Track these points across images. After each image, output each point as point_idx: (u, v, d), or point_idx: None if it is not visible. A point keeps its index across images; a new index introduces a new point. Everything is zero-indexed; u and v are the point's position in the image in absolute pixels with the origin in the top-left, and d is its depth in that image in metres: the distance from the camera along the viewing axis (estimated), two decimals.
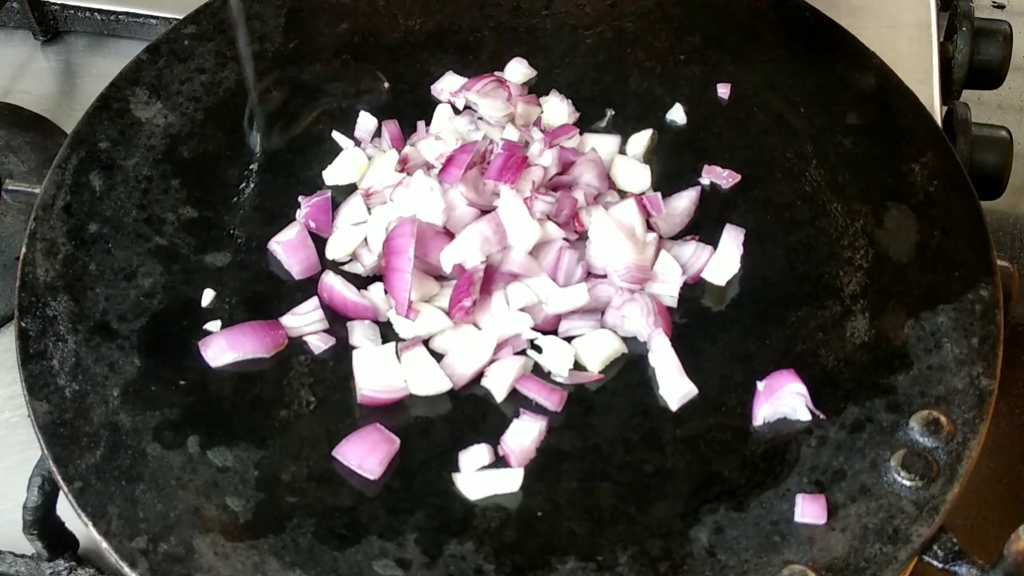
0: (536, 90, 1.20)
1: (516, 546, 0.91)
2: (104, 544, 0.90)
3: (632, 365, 1.02)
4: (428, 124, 1.17)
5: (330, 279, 1.05)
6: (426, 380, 1.00)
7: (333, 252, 1.08)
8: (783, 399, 0.97)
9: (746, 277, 1.07)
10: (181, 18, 1.24)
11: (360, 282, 1.06)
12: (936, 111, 1.29)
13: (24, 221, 1.18)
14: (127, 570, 0.89)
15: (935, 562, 0.91)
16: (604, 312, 1.04)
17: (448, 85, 1.20)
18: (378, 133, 1.17)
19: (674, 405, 0.99)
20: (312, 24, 1.25)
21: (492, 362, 1.01)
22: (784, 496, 0.93)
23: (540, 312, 1.03)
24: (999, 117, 1.58)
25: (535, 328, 1.02)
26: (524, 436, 0.97)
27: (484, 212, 1.06)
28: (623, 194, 1.11)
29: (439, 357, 1.01)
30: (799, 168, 1.13)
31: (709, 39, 1.24)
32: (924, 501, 0.92)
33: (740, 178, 1.13)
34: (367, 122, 1.17)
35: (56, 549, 1.01)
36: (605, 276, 1.05)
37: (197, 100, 1.18)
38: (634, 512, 0.93)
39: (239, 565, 0.90)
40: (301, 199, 1.11)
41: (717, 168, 1.13)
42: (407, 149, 1.14)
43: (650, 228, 1.08)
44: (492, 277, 1.03)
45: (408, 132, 1.17)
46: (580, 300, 1.03)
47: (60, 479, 0.93)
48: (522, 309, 1.02)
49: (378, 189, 1.10)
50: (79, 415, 0.96)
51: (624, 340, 1.03)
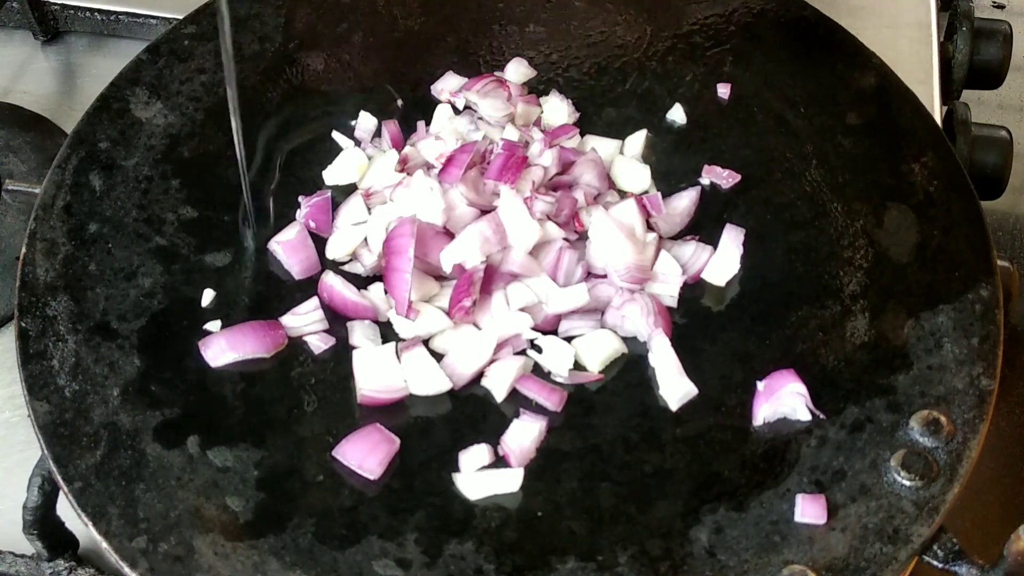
0: (536, 90, 1.20)
1: (516, 546, 0.91)
2: (104, 544, 0.90)
3: (632, 365, 1.02)
4: (428, 124, 1.17)
5: (330, 279, 1.05)
6: (426, 380, 1.00)
7: (333, 252, 1.08)
8: (783, 399, 0.97)
9: (746, 277, 1.07)
10: (181, 18, 1.24)
11: (360, 282, 1.06)
12: (936, 111, 1.29)
13: (24, 221, 1.18)
14: (127, 570, 0.89)
15: (935, 562, 0.91)
16: (604, 312, 1.04)
17: (448, 85, 1.20)
18: (378, 133, 1.17)
19: (674, 405, 0.99)
20: (312, 24, 1.25)
21: (492, 362, 1.01)
22: (784, 496, 0.93)
23: (540, 312, 1.03)
24: (999, 117, 1.58)
25: (535, 328, 1.02)
26: (524, 436, 0.97)
27: (484, 212, 1.06)
28: (623, 194, 1.11)
29: (439, 357, 1.01)
30: (799, 168, 1.13)
31: (709, 39, 1.24)
32: (924, 501, 0.92)
33: (740, 178, 1.13)
34: (367, 122, 1.17)
35: (56, 549, 1.01)
36: (605, 276, 1.05)
37: (197, 100, 1.18)
38: (634, 512, 0.93)
39: (239, 565, 0.90)
40: (301, 199, 1.11)
41: (717, 168, 1.13)
42: (407, 149, 1.14)
43: (650, 228, 1.08)
44: (492, 277, 1.03)
45: (408, 132, 1.17)
46: (580, 300, 1.03)
47: (60, 479, 0.93)
48: (522, 309, 1.02)
49: (378, 189, 1.10)
50: (79, 415, 0.96)
51: (624, 340, 1.03)
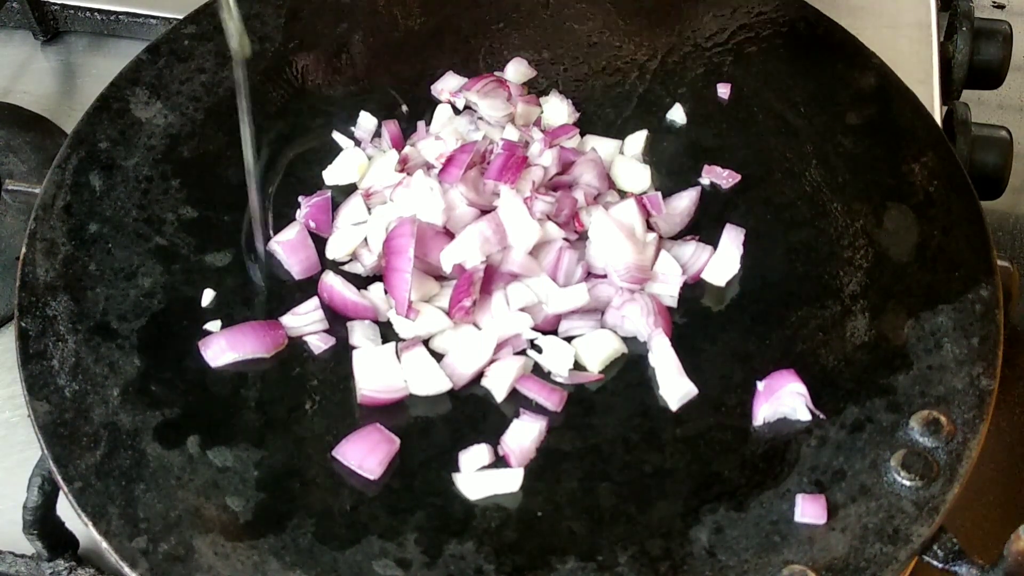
0: (536, 90, 1.20)
1: (516, 546, 0.91)
2: (104, 544, 0.90)
3: (632, 365, 1.02)
4: (428, 124, 1.17)
5: (330, 279, 1.05)
6: (426, 380, 1.00)
7: (333, 252, 1.08)
8: (783, 399, 0.97)
9: (746, 277, 1.07)
10: (181, 18, 1.24)
11: (360, 282, 1.06)
12: (936, 111, 1.29)
13: (24, 221, 1.18)
14: (127, 570, 0.89)
15: (935, 562, 0.91)
16: (604, 312, 1.04)
17: (448, 85, 1.20)
18: (378, 133, 1.17)
19: (674, 405, 0.99)
20: (312, 24, 1.25)
21: (492, 362, 1.01)
22: (784, 496, 0.93)
23: (540, 312, 1.03)
24: (999, 117, 1.58)
25: (535, 328, 1.02)
26: (524, 436, 0.96)
27: (484, 212, 1.06)
28: (623, 194, 1.11)
29: (439, 357, 1.01)
30: (799, 168, 1.13)
31: (709, 39, 1.24)
32: (924, 501, 0.92)
33: (740, 178, 1.13)
34: (367, 122, 1.17)
35: (56, 549, 1.01)
36: (605, 276, 1.05)
37: (197, 100, 1.18)
38: (634, 512, 0.93)
39: (239, 565, 0.90)
40: (301, 199, 1.11)
41: (717, 168, 1.13)
42: (407, 149, 1.14)
43: (650, 228, 1.08)
44: (492, 277, 1.03)
45: (408, 132, 1.17)
46: (580, 300, 1.03)
47: (60, 479, 0.93)
48: (522, 309, 1.02)
49: (378, 189, 1.10)
50: (79, 415, 0.96)
51: (624, 340, 1.03)
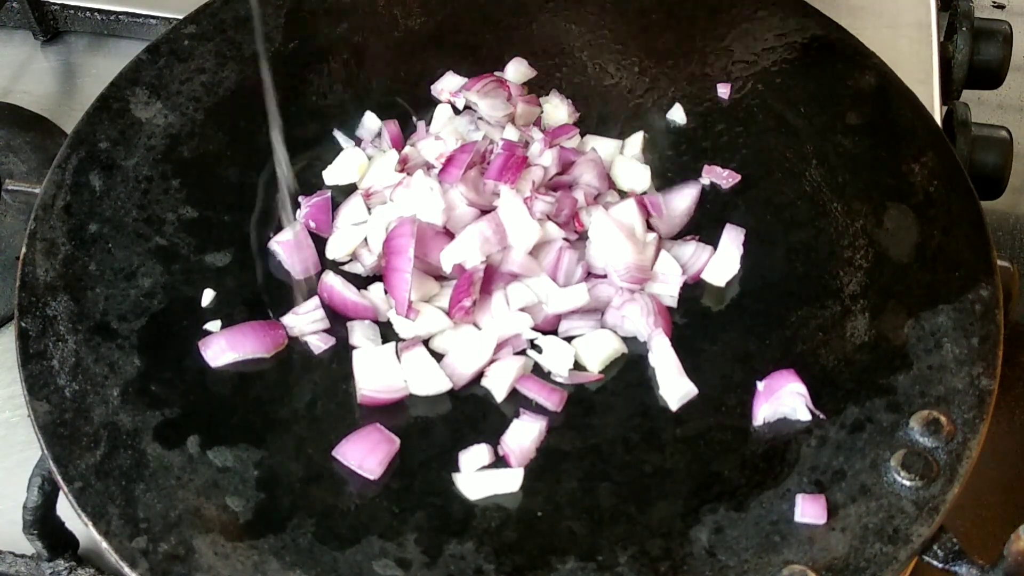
0: (536, 90, 1.20)
1: (516, 546, 0.91)
2: (104, 544, 0.90)
3: (632, 365, 1.02)
4: (428, 124, 1.17)
5: (330, 279, 1.05)
6: (426, 380, 1.00)
7: (333, 252, 1.08)
8: (783, 399, 0.97)
9: (746, 277, 1.07)
10: (181, 18, 1.24)
11: (360, 282, 1.06)
12: (936, 111, 1.29)
13: (24, 221, 1.18)
14: (127, 570, 0.89)
15: (935, 562, 0.91)
16: (604, 312, 1.04)
17: (448, 85, 1.20)
18: (378, 133, 1.17)
19: (674, 405, 0.99)
20: (312, 24, 1.25)
21: (492, 362, 1.01)
22: (784, 496, 0.93)
23: (540, 312, 1.03)
24: (999, 117, 1.58)
25: (535, 328, 1.02)
26: (524, 436, 0.96)
27: (484, 212, 1.06)
28: (623, 194, 1.11)
29: (439, 357, 1.01)
30: (799, 168, 1.13)
31: (709, 39, 1.24)
32: (924, 501, 0.92)
33: (740, 178, 1.13)
34: (371, 122, 1.17)
35: (56, 549, 1.01)
36: (605, 276, 1.05)
37: (197, 100, 1.18)
38: (634, 512, 0.93)
39: (239, 565, 0.90)
40: (301, 199, 1.11)
41: (717, 168, 1.13)
42: (407, 149, 1.14)
43: (650, 228, 1.08)
44: (492, 277, 1.03)
45: (408, 132, 1.17)
46: (580, 300, 1.03)
47: (60, 479, 0.93)
48: (522, 309, 1.02)
49: (378, 189, 1.10)
50: (79, 415, 0.96)
51: (624, 340, 1.03)
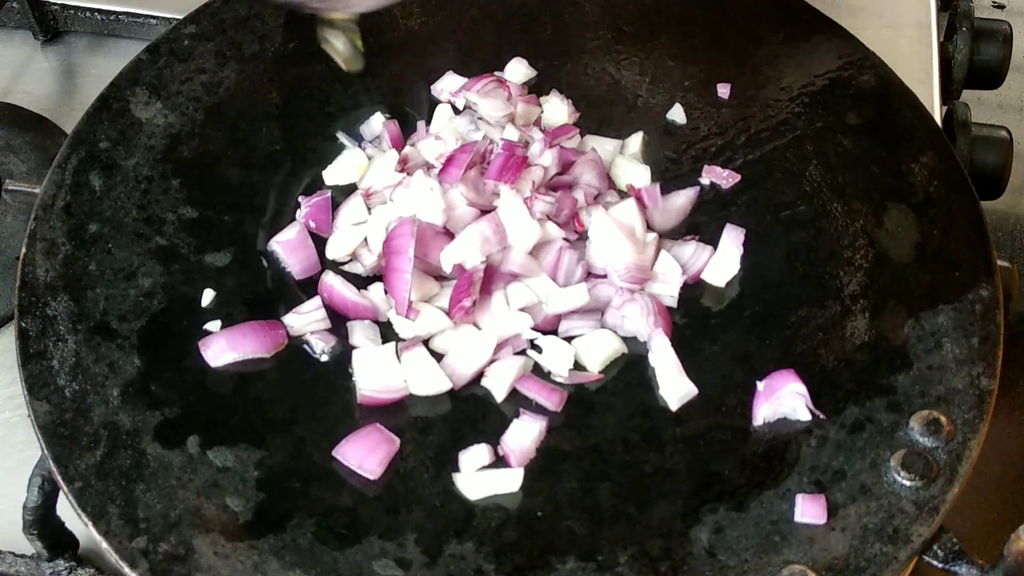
0: (536, 90, 1.20)
1: (516, 546, 0.91)
2: (104, 544, 0.90)
3: (632, 365, 1.02)
4: (428, 124, 1.17)
5: (330, 279, 1.05)
6: (426, 380, 1.00)
7: (333, 252, 1.08)
8: (783, 399, 0.97)
9: (746, 277, 1.07)
10: (181, 18, 1.24)
11: (360, 282, 1.06)
12: (936, 111, 1.29)
13: (24, 221, 1.18)
14: (127, 570, 0.89)
15: (935, 562, 0.91)
16: (604, 312, 1.04)
17: (448, 85, 1.20)
18: (378, 133, 1.17)
19: (674, 405, 0.99)
20: (312, 24, 1.25)
21: (492, 362, 1.01)
22: (784, 496, 0.93)
23: (540, 312, 1.03)
24: (999, 117, 1.58)
25: (535, 328, 1.02)
26: (524, 436, 0.96)
27: (484, 212, 1.06)
28: (623, 194, 1.11)
29: (439, 357, 1.01)
30: (799, 168, 1.13)
31: (709, 39, 1.23)
32: (924, 501, 0.92)
33: (740, 178, 1.13)
34: (376, 122, 1.16)
35: (56, 549, 1.01)
36: (605, 276, 1.05)
37: (197, 100, 1.18)
38: (634, 512, 0.93)
39: (239, 565, 0.90)
40: (301, 199, 1.11)
41: (717, 168, 1.13)
42: (407, 149, 1.13)
43: (648, 228, 1.08)
44: (492, 277, 1.03)
45: (408, 132, 1.17)
46: (580, 300, 1.03)
47: (60, 479, 0.93)
48: (522, 309, 1.02)
49: (378, 189, 1.10)
50: (79, 415, 0.96)
51: (624, 340, 1.03)
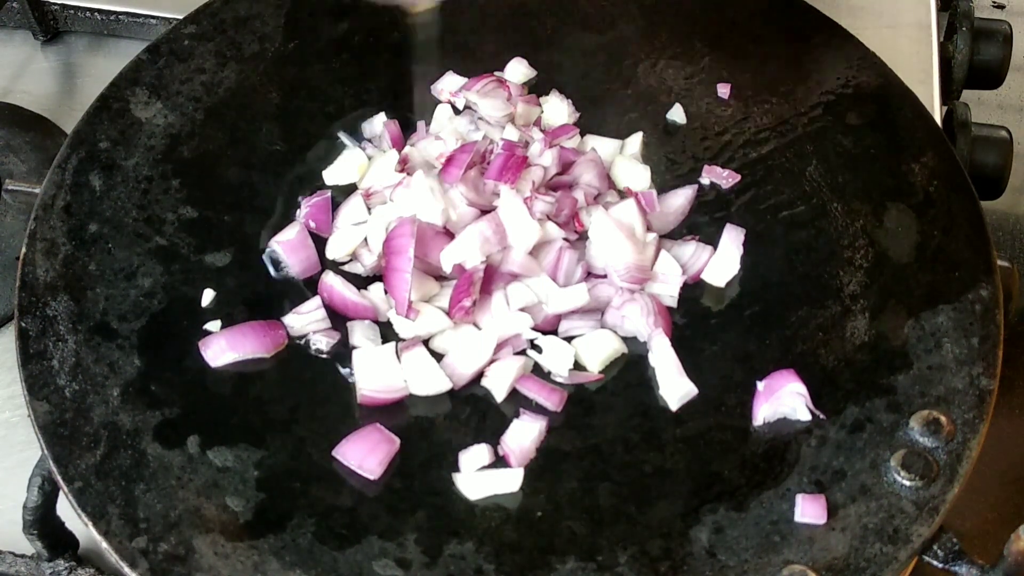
0: (536, 90, 1.20)
1: (516, 546, 0.91)
2: (104, 544, 0.90)
3: (632, 365, 1.02)
4: (428, 124, 1.17)
5: (330, 279, 1.05)
6: (426, 380, 1.00)
7: (333, 252, 1.08)
8: (783, 399, 0.97)
9: (746, 277, 1.07)
10: (181, 18, 1.24)
11: (360, 282, 1.06)
12: (936, 111, 1.29)
13: (24, 221, 1.18)
14: (127, 570, 0.89)
15: (935, 562, 0.91)
16: (604, 312, 1.04)
17: (448, 85, 1.20)
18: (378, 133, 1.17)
19: (674, 405, 0.99)
20: (312, 24, 1.25)
21: (492, 362, 1.01)
22: (784, 496, 0.93)
23: (540, 312, 1.03)
24: (999, 117, 1.58)
25: (535, 328, 1.02)
26: (524, 436, 0.96)
27: (484, 212, 1.06)
28: (623, 194, 1.11)
29: (439, 357, 1.01)
30: (799, 168, 1.13)
31: (709, 39, 1.23)
32: (924, 501, 0.92)
33: (740, 178, 1.13)
34: (379, 123, 1.16)
35: (56, 549, 1.01)
36: (605, 276, 1.05)
37: (197, 100, 1.18)
38: (634, 512, 0.93)
39: (239, 565, 0.90)
40: (301, 199, 1.11)
41: (717, 168, 1.13)
42: (407, 149, 1.13)
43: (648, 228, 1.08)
44: (492, 277, 1.03)
45: (408, 132, 1.17)
46: (580, 300, 1.03)
47: (60, 479, 0.93)
48: (522, 309, 1.02)
49: (378, 189, 1.10)
50: (79, 415, 0.96)
51: (624, 340, 1.03)
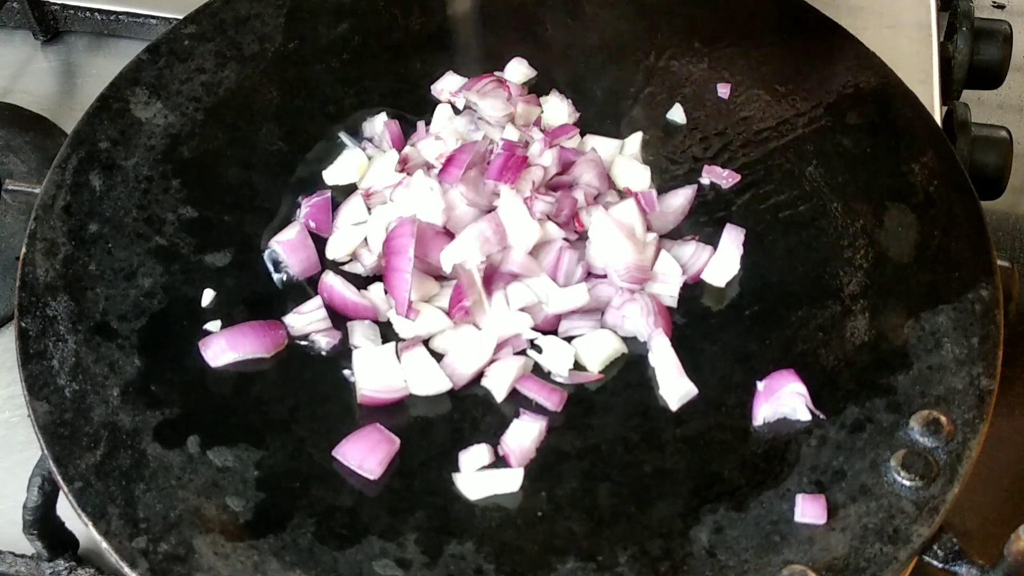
0: (536, 90, 1.20)
1: (516, 546, 0.91)
2: (104, 544, 0.90)
3: (632, 365, 1.02)
4: (428, 124, 1.17)
5: (330, 279, 1.05)
6: (426, 380, 1.00)
7: (333, 252, 1.08)
8: (783, 399, 0.97)
9: (746, 277, 1.07)
10: (181, 18, 1.24)
11: (360, 282, 1.06)
12: (936, 111, 1.29)
13: (24, 221, 1.18)
14: (127, 570, 0.89)
15: (935, 562, 0.91)
16: (604, 312, 1.04)
17: (448, 85, 1.20)
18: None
19: (674, 405, 0.99)
20: (312, 24, 1.25)
21: (492, 362, 1.01)
22: (784, 496, 0.93)
23: (540, 312, 1.03)
24: (999, 117, 1.58)
25: (535, 328, 1.02)
26: (524, 436, 0.96)
27: (484, 212, 1.06)
28: (623, 194, 1.11)
29: (439, 357, 1.01)
30: (799, 168, 1.13)
31: (709, 39, 1.24)
32: (924, 501, 0.92)
33: (740, 178, 1.13)
34: (377, 123, 1.16)
35: (56, 549, 1.01)
36: (605, 276, 1.05)
37: (197, 100, 1.18)
38: (634, 512, 0.93)
39: (239, 565, 0.90)
40: (301, 199, 1.11)
41: (717, 168, 1.13)
42: (407, 149, 1.14)
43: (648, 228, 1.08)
44: (492, 277, 1.03)
45: (408, 132, 1.17)
46: (580, 300, 1.03)
47: (60, 479, 0.93)
48: (522, 309, 1.02)
49: (378, 189, 1.10)
50: (79, 415, 0.96)
51: (624, 340, 1.03)
